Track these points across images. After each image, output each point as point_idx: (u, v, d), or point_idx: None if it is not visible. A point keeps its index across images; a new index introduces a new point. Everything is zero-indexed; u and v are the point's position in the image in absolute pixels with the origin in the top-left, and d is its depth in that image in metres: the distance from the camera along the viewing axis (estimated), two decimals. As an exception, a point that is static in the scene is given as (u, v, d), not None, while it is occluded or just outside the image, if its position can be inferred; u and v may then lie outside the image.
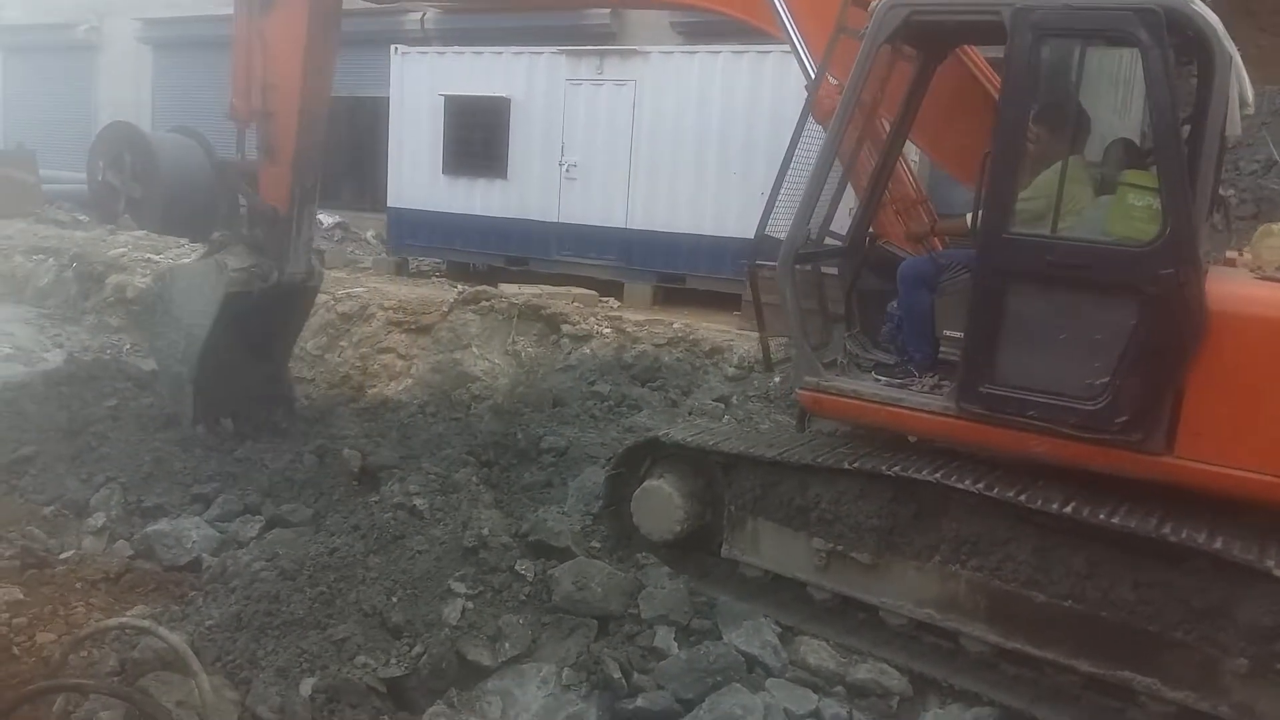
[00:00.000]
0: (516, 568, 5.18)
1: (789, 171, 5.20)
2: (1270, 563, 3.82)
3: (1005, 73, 4.28)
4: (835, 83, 5.47)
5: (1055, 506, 4.17)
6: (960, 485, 4.41)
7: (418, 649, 4.60)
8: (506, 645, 4.79)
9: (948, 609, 4.55)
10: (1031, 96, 4.32)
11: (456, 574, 5.08)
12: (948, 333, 4.73)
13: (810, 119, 5.37)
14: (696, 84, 11.20)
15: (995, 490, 4.34)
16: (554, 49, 12.18)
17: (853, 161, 5.53)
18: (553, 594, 5.01)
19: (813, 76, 5.60)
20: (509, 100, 12.33)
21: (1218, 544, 3.91)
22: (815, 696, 4.46)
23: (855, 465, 4.72)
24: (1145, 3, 3.93)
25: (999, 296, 4.29)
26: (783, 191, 5.12)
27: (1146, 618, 4.08)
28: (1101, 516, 4.08)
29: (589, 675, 4.60)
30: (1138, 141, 4.99)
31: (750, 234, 10.85)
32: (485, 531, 5.37)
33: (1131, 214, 4.16)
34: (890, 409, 4.67)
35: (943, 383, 4.73)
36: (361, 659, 4.49)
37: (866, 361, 5.15)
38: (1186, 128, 4.24)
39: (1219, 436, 4.00)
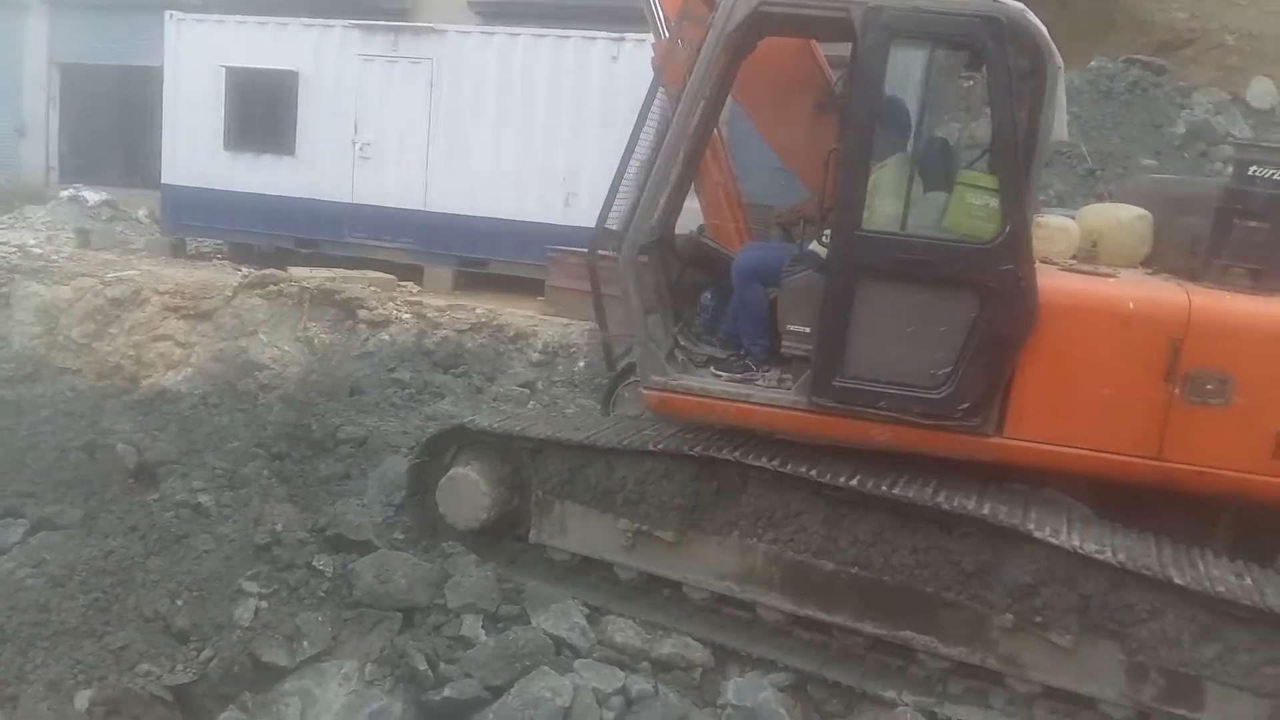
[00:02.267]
0: (314, 564, 5.01)
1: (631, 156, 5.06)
2: (1030, 525, 4.20)
3: (853, 72, 4.38)
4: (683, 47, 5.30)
5: (843, 480, 4.42)
6: (758, 463, 4.60)
7: (206, 653, 4.38)
8: (305, 644, 4.64)
9: (746, 581, 4.74)
10: (880, 96, 4.36)
11: (248, 573, 4.86)
12: (791, 327, 4.66)
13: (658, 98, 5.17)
14: (496, 66, 11.05)
15: (789, 466, 4.55)
16: (345, 22, 11.72)
17: (698, 150, 5.41)
18: (354, 589, 4.88)
19: (665, 36, 5.41)
20: (296, 74, 11.75)
21: (985, 510, 4.26)
22: (622, 674, 4.55)
23: (660, 447, 4.82)
24: (990, 11, 4.10)
25: (850, 291, 4.36)
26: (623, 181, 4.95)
27: (924, 580, 4.39)
28: (884, 488, 4.36)
29: (393, 669, 4.52)
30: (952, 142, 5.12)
31: (553, 219, 10.99)
32: (279, 527, 5.15)
33: (971, 212, 4.32)
34: (739, 405, 4.59)
35: (784, 377, 4.74)
36: (144, 667, 4.23)
37: (699, 356, 5.06)
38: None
39: (1040, 417, 4.32)
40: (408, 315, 8.87)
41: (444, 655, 4.59)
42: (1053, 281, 4.36)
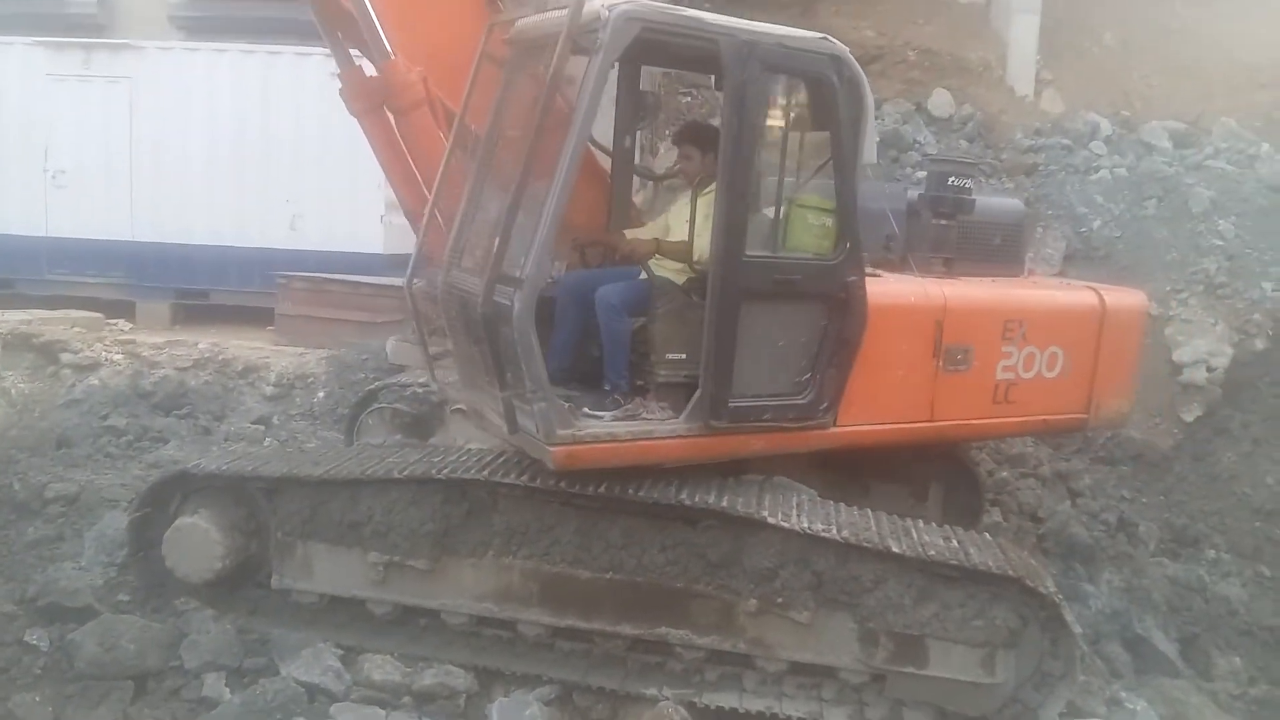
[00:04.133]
0: (25, 638, 4.53)
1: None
2: (765, 513, 4.46)
3: (726, 102, 4.44)
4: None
5: (591, 489, 4.51)
6: (507, 480, 4.59)
7: (-99, 758, 3.84)
8: (21, 730, 4.18)
9: (504, 600, 4.72)
10: (756, 125, 4.50)
11: (-55, 659, 4.31)
12: (670, 355, 4.65)
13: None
14: (202, 84, 10.44)
15: (538, 480, 4.58)
16: (27, 40, 10.66)
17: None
18: (75, 661, 4.47)
19: (389, 55, 5.06)
20: (-28, 96, 10.60)
21: (724, 502, 4.48)
22: (383, 712, 4.43)
23: (405, 474, 4.72)
24: (835, 50, 4.55)
25: (734, 314, 4.48)
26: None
27: (674, 576, 4.55)
28: (630, 491, 4.49)
29: (128, 744, 4.16)
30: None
31: (278, 243, 10.50)
32: (-20, 604, 4.61)
33: (812, 232, 4.70)
34: (641, 444, 4.48)
35: (659, 406, 4.63)
36: None
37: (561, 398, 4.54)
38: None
39: (860, 404, 4.85)
40: (119, 356, 8.19)
41: (185, 720, 4.28)
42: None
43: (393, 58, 5.04)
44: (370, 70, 5.27)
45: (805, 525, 4.44)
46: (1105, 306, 5.56)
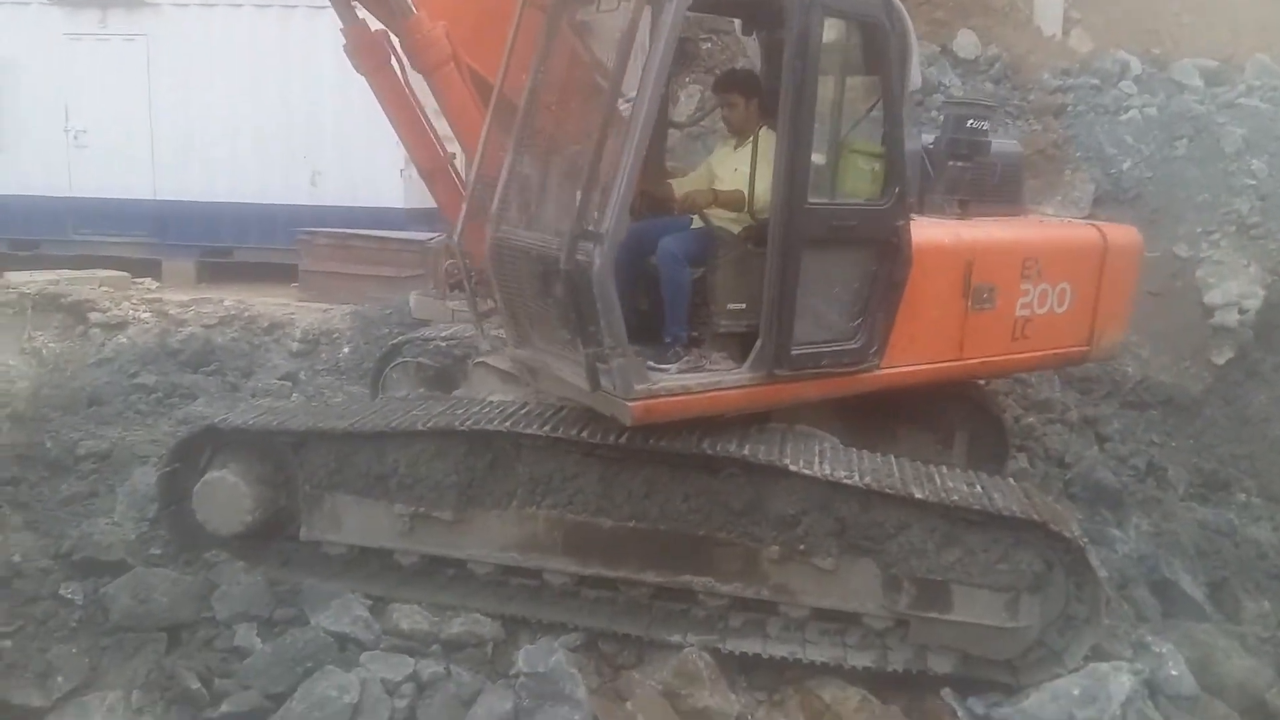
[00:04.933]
0: (61, 592, 4.62)
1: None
2: (787, 460, 4.45)
3: (789, 48, 4.36)
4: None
5: (614, 438, 4.51)
6: (529, 430, 4.61)
7: (-55, 707, 3.95)
8: (60, 680, 4.31)
9: (529, 549, 4.77)
10: (815, 72, 4.41)
11: (-14, 612, 4.42)
12: (730, 306, 4.64)
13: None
14: (220, 40, 10.39)
15: (560, 430, 4.59)
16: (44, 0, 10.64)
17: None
18: (110, 614, 4.55)
19: (412, 11, 4.94)
20: (-9, 58, 10.62)
21: (745, 450, 4.48)
22: (412, 661, 4.48)
23: (429, 426, 4.74)
24: None
25: (797, 263, 4.46)
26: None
27: (696, 524, 4.57)
28: (651, 440, 4.48)
29: (164, 692, 4.26)
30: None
31: (300, 200, 10.50)
32: (17, 558, 4.72)
33: (864, 177, 4.74)
34: (711, 395, 4.46)
35: (719, 356, 4.64)
36: None
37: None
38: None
39: (901, 346, 4.91)
40: (147, 314, 8.26)
41: (218, 670, 4.36)
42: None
43: (414, 14, 4.91)
44: (375, 26, 5.17)
45: (828, 472, 4.43)
46: (1107, 243, 5.77)
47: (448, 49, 4.96)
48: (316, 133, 10.36)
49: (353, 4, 5.21)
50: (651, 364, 4.44)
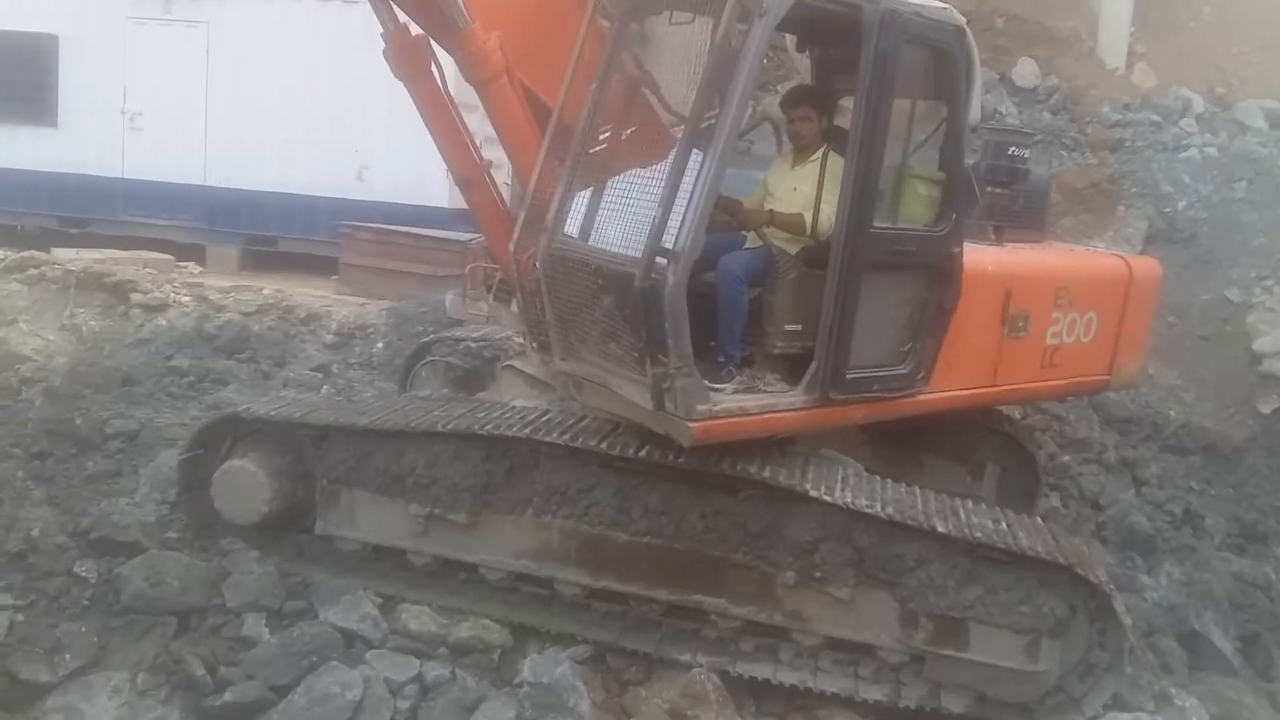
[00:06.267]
0: (75, 570, 4.66)
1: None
2: (808, 485, 4.36)
3: (865, 74, 4.32)
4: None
5: (632, 452, 4.46)
6: (549, 439, 4.57)
7: (-46, 675, 3.98)
8: (68, 657, 4.34)
9: (542, 558, 4.72)
10: (892, 95, 4.40)
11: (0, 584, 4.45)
12: (788, 327, 4.62)
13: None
14: (279, 31, 10.50)
15: (580, 441, 4.54)
16: (110, -18, 10.85)
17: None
18: (121, 594, 4.58)
19: (469, 21, 4.76)
20: (56, 38, 10.82)
21: (766, 472, 4.40)
22: (417, 662, 4.45)
23: (449, 428, 4.72)
24: (958, 21, 4.53)
25: (857, 286, 4.44)
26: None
27: (712, 544, 4.50)
28: (670, 457, 4.42)
29: (169, 677, 4.28)
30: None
31: (346, 193, 10.58)
32: (35, 533, 4.76)
33: (923, 202, 4.68)
34: (767, 417, 4.42)
35: (770, 376, 4.60)
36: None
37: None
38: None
39: (944, 370, 4.90)
40: (187, 298, 8.33)
41: (224, 658, 4.37)
42: None
43: (470, 24, 4.83)
44: (415, 30, 5.10)
45: (849, 499, 4.33)
46: (1132, 273, 5.84)
47: (502, 62, 4.79)
48: (367, 127, 10.42)
49: (394, 7, 5.11)
50: (707, 384, 4.33)
